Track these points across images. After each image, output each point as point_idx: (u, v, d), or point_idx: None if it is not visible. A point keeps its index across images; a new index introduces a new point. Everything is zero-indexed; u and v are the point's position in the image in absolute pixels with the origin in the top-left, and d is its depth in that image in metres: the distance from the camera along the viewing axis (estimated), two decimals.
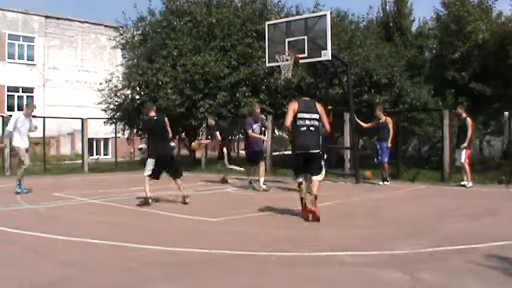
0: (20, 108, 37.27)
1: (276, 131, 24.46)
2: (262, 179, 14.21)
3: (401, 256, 6.33)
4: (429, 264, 5.90)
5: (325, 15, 15.80)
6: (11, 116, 15.81)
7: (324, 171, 9.67)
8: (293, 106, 9.29)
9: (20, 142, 13.90)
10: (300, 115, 9.18)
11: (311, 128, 9.18)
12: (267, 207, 10.71)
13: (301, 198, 9.34)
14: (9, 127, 13.87)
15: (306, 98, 9.66)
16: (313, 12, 22.04)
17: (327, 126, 9.51)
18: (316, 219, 8.85)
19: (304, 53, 15.67)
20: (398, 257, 6.30)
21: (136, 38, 25.55)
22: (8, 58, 38.43)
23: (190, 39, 22.99)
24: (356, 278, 5.46)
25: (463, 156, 14.97)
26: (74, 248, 6.96)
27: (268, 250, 6.55)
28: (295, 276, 5.51)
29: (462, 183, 14.90)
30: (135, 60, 24.29)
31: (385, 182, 15.85)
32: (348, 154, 18.91)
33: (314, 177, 9.34)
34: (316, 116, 9.27)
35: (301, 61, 16.25)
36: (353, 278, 5.44)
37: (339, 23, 23.56)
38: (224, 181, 16.70)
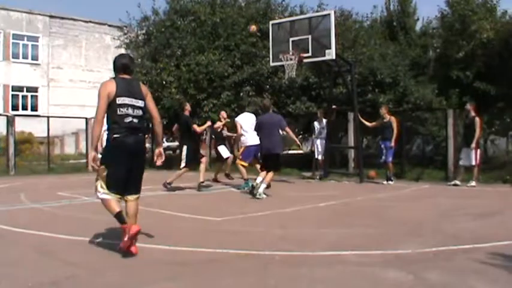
0: (24, 108, 37.53)
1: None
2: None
3: (406, 256, 6.31)
4: (433, 264, 5.88)
5: (329, 14, 15.83)
6: (15, 116, 15.75)
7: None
8: (106, 89, 6.36)
9: None
10: (119, 100, 6.34)
11: (135, 120, 6.42)
12: (271, 207, 10.71)
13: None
14: None
15: (125, 76, 6.54)
16: (317, 11, 22.04)
17: (158, 118, 6.83)
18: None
19: (308, 52, 15.70)
20: (403, 256, 6.28)
21: (140, 38, 25.62)
22: (13, 58, 38.50)
23: (194, 38, 23.01)
24: (360, 277, 5.44)
25: (474, 157, 14.91)
26: (76, 247, 6.96)
27: (272, 250, 6.54)
28: (299, 276, 5.49)
29: (469, 184, 14.81)
30: (139, 60, 24.29)
31: (389, 182, 15.83)
32: (352, 153, 18.91)
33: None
34: (141, 103, 6.50)
35: (305, 60, 16.23)
36: (357, 278, 5.42)
37: (343, 22, 23.56)
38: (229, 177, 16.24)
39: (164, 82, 22.21)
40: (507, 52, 20.36)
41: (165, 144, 39.58)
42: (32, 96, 38.97)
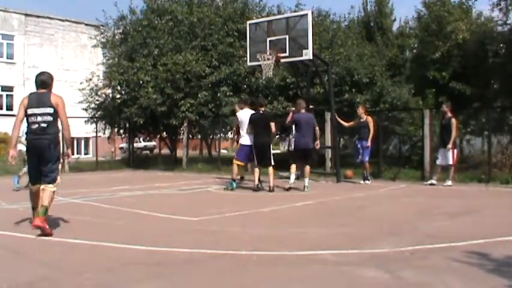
0: None
1: None
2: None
3: (382, 255, 6.33)
4: (410, 263, 5.90)
5: (307, 14, 15.82)
6: None
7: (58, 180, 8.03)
8: (22, 102, 7.90)
9: None
10: (29, 111, 7.72)
11: (42, 125, 7.70)
12: (248, 207, 10.70)
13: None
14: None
15: (40, 90, 7.96)
16: (295, 11, 22.07)
17: (65, 124, 8.09)
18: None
19: (285, 52, 15.66)
20: (380, 255, 6.30)
21: (117, 37, 25.43)
22: None
23: (171, 38, 22.94)
24: (337, 277, 5.44)
25: (451, 157, 14.99)
26: (53, 248, 6.88)
27: (249, 249, 6.53)
28: (276, 276, 5.48)
29: (445, 184, 14.89)
30: (116, 59, 24.17)
31: (366, 181, 15.90)
32: (329, 153, 18.93)
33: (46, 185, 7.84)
34: (49, 110, 7.77)
35: (282, 60, 16.17)
36: (334, 277, 5.42)
37: (320, 23, 23.65)
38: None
39: (141, 81, 22.10)
40: (482, 53, 20.61)
41: (142, 143, 39.59)
42: (7, 95, 38.58)
